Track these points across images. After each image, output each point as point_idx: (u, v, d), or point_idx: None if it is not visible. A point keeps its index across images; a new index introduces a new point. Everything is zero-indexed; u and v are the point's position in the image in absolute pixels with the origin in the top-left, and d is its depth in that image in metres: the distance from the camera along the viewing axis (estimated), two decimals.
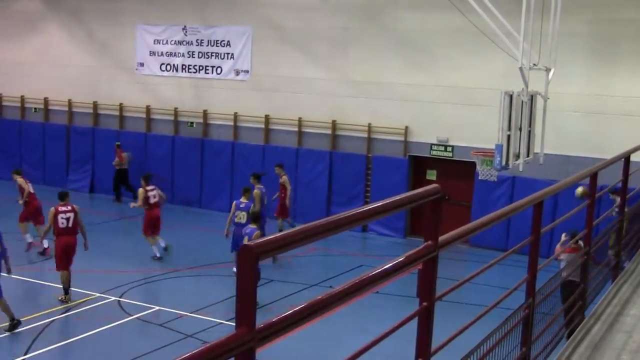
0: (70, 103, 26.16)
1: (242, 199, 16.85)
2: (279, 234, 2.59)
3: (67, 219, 15.08)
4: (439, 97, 20.50)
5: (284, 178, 19.90)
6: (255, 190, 17.92)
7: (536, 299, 5.56)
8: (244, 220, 16.33)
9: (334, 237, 2.99)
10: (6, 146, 26.76)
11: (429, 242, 3.66)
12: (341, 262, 18.38)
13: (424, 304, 3.73)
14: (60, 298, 14.88)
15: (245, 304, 2.43)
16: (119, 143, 24.37)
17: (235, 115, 23.28)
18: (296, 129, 22.47)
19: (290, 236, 2.62)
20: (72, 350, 12.78)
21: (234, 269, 18.00)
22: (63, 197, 15.41)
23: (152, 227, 18.20)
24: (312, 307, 2.71)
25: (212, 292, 15.95)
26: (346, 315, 13.56)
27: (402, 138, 21.19)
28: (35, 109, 26.92)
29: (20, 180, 18.61)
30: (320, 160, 22.06)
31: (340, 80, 21.81)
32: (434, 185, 3.68)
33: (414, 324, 3.73)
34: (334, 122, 21.92)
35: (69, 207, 15.15)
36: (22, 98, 27.04)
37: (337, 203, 21.70)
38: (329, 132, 22.03)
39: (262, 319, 2.47)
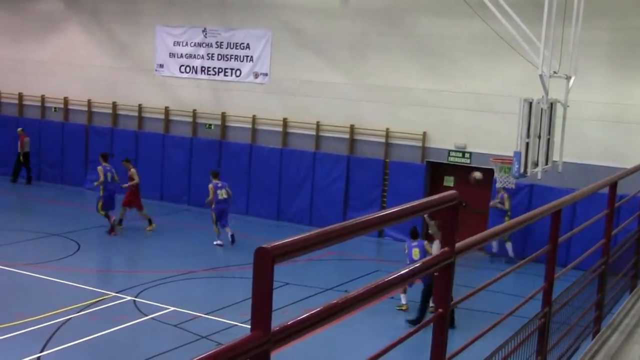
0: (89, 103, 26.29)
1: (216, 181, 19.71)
2: (296, 237, 2.57)
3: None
4: (457, 103, 20.44)
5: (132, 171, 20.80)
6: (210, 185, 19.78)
7: (552, 308, 5.52)
8: (227, 196, 19.54)
9: (350, 241, 2.99)
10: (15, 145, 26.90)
11: (446, 249, 3.65)
12: (356, 266, 18.35)
13: (439, 310, 3.71)
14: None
15: (261, 306, 2.44)
16: (21, 129, 25.93)
17: (254, 118, 23.33)
18: (314, 133, 22.48)
19: (306, 239, 2.63)
20: (87, 349, 12.81)
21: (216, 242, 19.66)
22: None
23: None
24: (328, 310, 2.71)
25: (227, 293, 15.98)
26: (361, 321, 13.61)
27: (419, 144, 21.14)
28: (55, 108, 27.07)
29: (132, 170, 20.79)
30: (337, 164, 22.05)
31: (358, 85, 21.81)
32: (452, 191, 3.66)
33: (428, 331, 3.71)
34: (351, 127, 21.91)
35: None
36: (43, 97, 27.22)
37: (354, 208, 21.67)
38: (347, 136, 22.02)
39: (277, 322, 2.47)
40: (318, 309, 2.67)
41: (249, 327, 2.45)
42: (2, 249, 18.17)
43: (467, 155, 20.63)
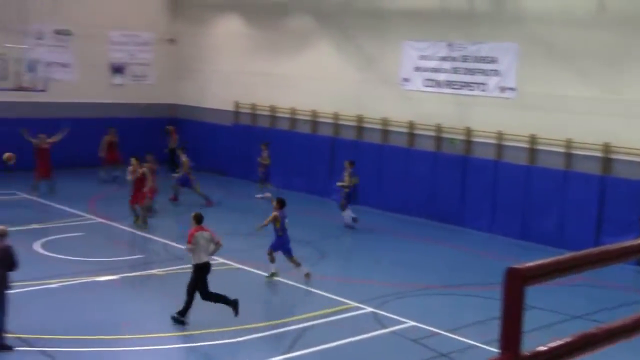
0: (336, 116, 27.05)
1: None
2: (549, 260, 2.49)
3: None
4: None
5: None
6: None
7: None
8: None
9: (604, 268, 2.79)
10: (277, 155, 28.15)
11: None
12: (610, 295, 17.18)
13: None
14: None
15: (511, 328, 2.38)
16: (172, 127, 29.57)
17: (499, 134, 22.79)
18: (563, 151, 21.50)
19: (560, 263, 2.54)
20: (327, 356, 13.07)
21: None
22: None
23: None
24: (584, 340, 2.57)
25: (467, 312, 15.66)
26: (612, 356, 12.65)
27: None
28: (304, 120, 28.14)
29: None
30: (589, 184, 20.81)
31: (614, 100, 20.55)
32: None
33: None
34: (605, 145, 20.67)
35: None
36: (293, 110, 28.40)
37: (608, 232, 20.22)
38: (600, 155, 20.79)
39: (525, 346, 2.38)
40: (573, 338, 2.53)
41: (490, 348, 2.32)
42: (247, 253, 18.99)
43: None
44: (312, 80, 27.70)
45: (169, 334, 13.81)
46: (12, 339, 12.61)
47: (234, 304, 14.10)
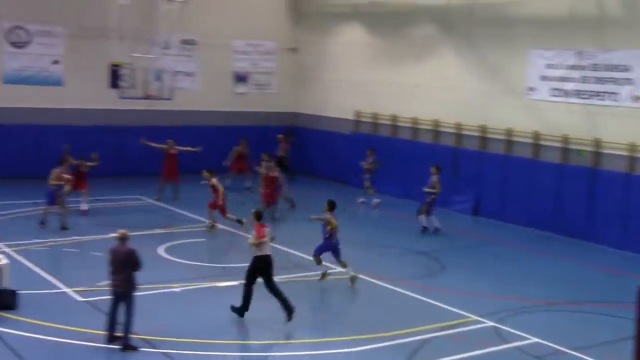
0: (458, 125, 26.55)
1: None
2: None
3: None
4: None
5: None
6: None
7: None
8: None
9: None
10: (398, 164, 27.91)
11: None
12: None
13: None
14: None
15: None
16: (282, 135, 30.16)
17: (631, 145, 21.73)
18: None
19: None
20: None
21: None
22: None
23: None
24: None
25: (594, 330, 14.95)
26: None
27: None
28: (426, 130, 27.76)
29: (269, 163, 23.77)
30: None
31: None
32: None
33: None
34: None
35: None
36: (414, 119, 28.07)
37: None
38: None
39: None
40: None
41: None
42: (367, 262, 18.83)
43: None
44: (434, 89, 27.33)
45: (291, 341, 13.83)
46: (137, 339, 12.88)
47: (289, 310, 14.30)
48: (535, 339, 14.04)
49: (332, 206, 17.28)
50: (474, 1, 25.98)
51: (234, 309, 14.54)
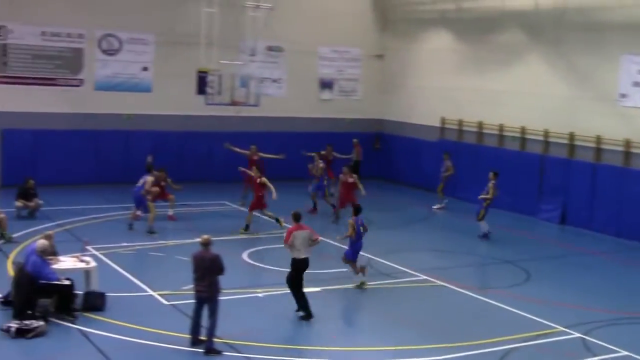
0: (546, 133, 26.03)
1: None
2: None
3: None
4: None
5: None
6: None
7: None
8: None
9: None
10: (484, 172, 27.42)
11: None
12: None
13: None
14: None
15: None
16: (356, 140, 29.48)
17: None
18: None
19: None
20: None
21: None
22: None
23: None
24: None
25: None
26: None
27: None
28: (512, 137, 27.31)
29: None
30: None
31: None
32: None
33: None
34: None
35: None
36: (501, 126, 27.66)
37: None
38: None
39: None
40: None
41: None
42: (451, 270, 18.73)
43: None
44: (521, 96, 26.87)
45: (374, 348, 13.74)
46: (220, 343, 13.05)
47: (307, 316, 14.61)
48: (625, 352, 13.63)
49: (357, 211, 17.11)
50: (564, 6, 25.43)
51: (301, 317, 14.73)
